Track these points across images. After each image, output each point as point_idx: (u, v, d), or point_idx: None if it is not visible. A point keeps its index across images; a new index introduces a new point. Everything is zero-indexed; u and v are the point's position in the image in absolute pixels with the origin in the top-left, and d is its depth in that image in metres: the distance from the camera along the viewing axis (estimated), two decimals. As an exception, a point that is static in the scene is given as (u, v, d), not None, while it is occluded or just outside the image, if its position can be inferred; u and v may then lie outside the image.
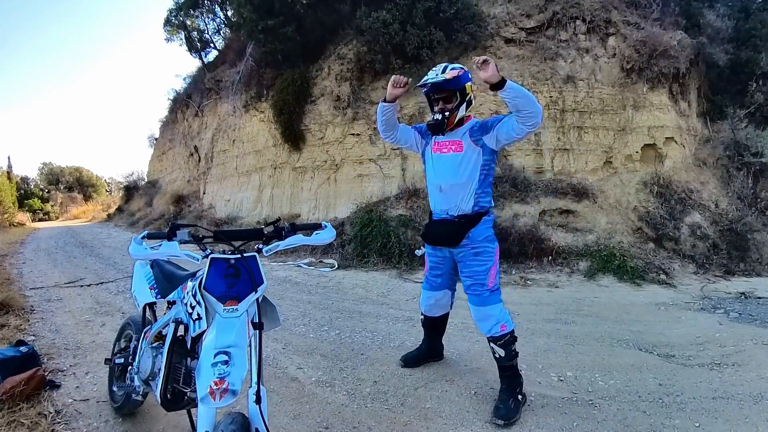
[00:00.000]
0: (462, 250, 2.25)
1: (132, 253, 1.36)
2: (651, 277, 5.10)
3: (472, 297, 2.23)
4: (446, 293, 2.51)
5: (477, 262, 2.21)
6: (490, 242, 2.24)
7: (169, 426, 2.00)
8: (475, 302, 2.21)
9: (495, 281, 2.22)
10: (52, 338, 3.21)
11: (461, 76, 2.19)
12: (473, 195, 2.23)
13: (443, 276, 2.46)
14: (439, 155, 2.32)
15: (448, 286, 2.49)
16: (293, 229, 1.65)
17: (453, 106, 2.23)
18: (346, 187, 7.94)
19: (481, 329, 2.24)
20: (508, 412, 2.05)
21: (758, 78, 7.57)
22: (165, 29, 13.25)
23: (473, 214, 2.22)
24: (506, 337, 2.17)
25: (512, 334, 2.20)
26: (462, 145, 2.23)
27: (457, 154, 2.23)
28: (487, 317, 2.19)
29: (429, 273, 2.51)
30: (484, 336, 2.26)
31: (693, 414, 2.12)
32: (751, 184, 6.94)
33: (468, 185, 2.23)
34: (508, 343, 2.18)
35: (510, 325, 2.20)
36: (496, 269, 2.24)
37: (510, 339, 2.19)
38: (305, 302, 4.35)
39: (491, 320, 2.18)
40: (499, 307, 2.20)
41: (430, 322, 2.65)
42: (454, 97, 2.23)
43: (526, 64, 7.01)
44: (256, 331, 1.40)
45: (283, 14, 8.04)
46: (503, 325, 2.17)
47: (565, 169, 6.63)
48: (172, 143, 15.85)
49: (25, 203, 27.01)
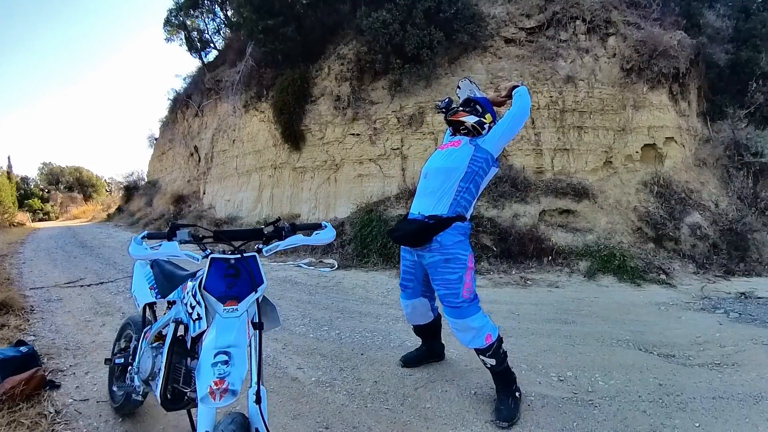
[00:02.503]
0: (432, 255, 2.14)
1: (132, 253, 1.36)
2: (651, 277, 5.10)
3: (448, 309, 2.12)
4: (422, 301, 2.42)
5: (448, 269, 2.10)
6: (461, 249, 2.13)
7: (169, 426, 2.00)
8: (452, 315, 2.11)
9: (471, 289, 2.10)
10: (52, 338, 3.21)
11: (490, 104, 2.43)
12: (453, 193, 2.16)
13: (415, 282, 2.37)
14: (439, 152, 2.41)
15: (422, 293, 2.40)
16: (293, 229, 1.64)
17: (469, 109, 2.38)
18: (346, 187, 7.94)
19: (461, 341, 2.15)
20: (509, 413, 2.05)
21: (758, 78, 7.57)
22: (165, 29, 13.27)
23: (445, 218, 2.12)
24: (493, 346, 2.09)
25: (498, 340, 2.12)
26: (461, 142, 2.32)
27: (452, 149, 2.31)
28: (466, 329, 2.09)
29: (402, 278, 2.44)
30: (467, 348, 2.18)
31: (693, 414, 2.12)
32: (751, 184, 6.94)
33: (451, 176, 2.18)
34: (497, 351, 2.11)
35: (495, 332, 2.12)
36: (471, 277, 2.13)
37: (497, 346, 2.11)
38: (305, 302, 4.35)
39: (471, 332, 2.09)
40: (479, 316, 2.10)
41: (419, 329, 2.62)
42: (475, 111, 2.37)
43: (526, 64, 7.01)
44: (256, 331, 1.40)
45: (283, 14, 8.04)
46: (488, 336, 2.08)
47: (565, 169, 6.63)
48: (172, 143, 15.85)
49: (25, 203, 26.99)
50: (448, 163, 2.24)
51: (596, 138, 6.69)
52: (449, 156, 2.28)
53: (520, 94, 2.34)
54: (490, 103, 2.42)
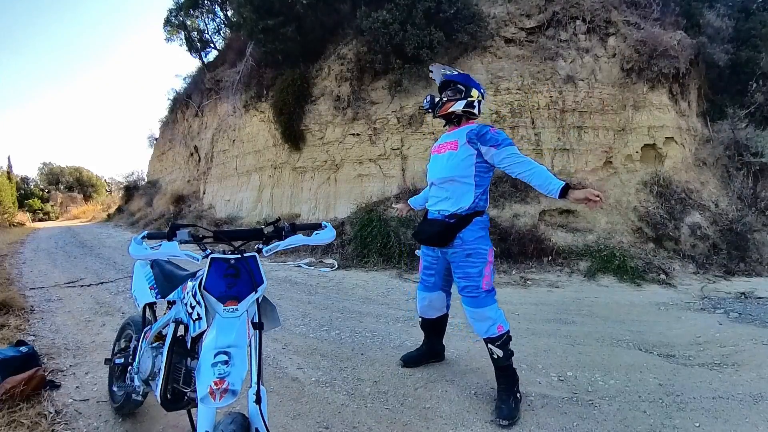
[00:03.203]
0: (454, 251, 2.23)
1: (132, 253, 1.36)
2: (651, 277, 5.10)
3: (467, 299, 2.22)
4: (440, 295, 2.50)
5: (469, 263, 2.20)
6: (482, 244, 2.23)
7: (169, 426, 2.00)
8: (470, 304, 2.21)
9: (489, 282, 2.21)
10: (52, 338, 3.21)
11: (472, 80, 2.35)
12: (467, 194, 2.22)
13: (436, 276, 2.45)
14: (436, 155, 2.39)
15: (441, 287, 2.48)
16: (293, 229, 1.64)
17: (451, 92, 2.33)
18: (346, 187, 7.94)
19: (476, 330, 2.24)
20: (510, 412, 2.06)
21: (758, 78, 7.57)
22: (165, 29, 13.27)
23: (465, 215, 2.21)
24: (503, 337, 2.18)
25: (508, 333, 2.21)
26: (457, 144, 2.26)
27: (452, 152, 2.27)
28: (483, 318, 2.18)
29: (422, 272, 2.51)
30: (480, 337, 2.26)
31: (693, 414, 2.12)
32: (751, 184, 6.94)
33: (461, 182, 2.23)
34: (505, 343, 2.19)
35: (506, 325, 2.21)
36: (491, 270, 2.23)
37: (507, 339, 2.20)
38: (305, 302, 4.35)
39: (488, 321, 2.18)
40: (495, 307, 2.20)
41: (428, 324, 2.64)
42: (458, 93, 2.32)
43: (526, 64, 7.01)
44: (256, 331, 1.40)
45: (283, 14, 8.04)
46: (500, 326, 2.18)
47: (565, 169, 6.63)
48: (172, 143, 15.86)
49: (25, 203, 26.99)
50: (454, 172, 2.24)
51: (596, 138, 6.69)
52: (450, 162, 2.25)
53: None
54: (470, 78, 2.37)
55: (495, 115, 6.87)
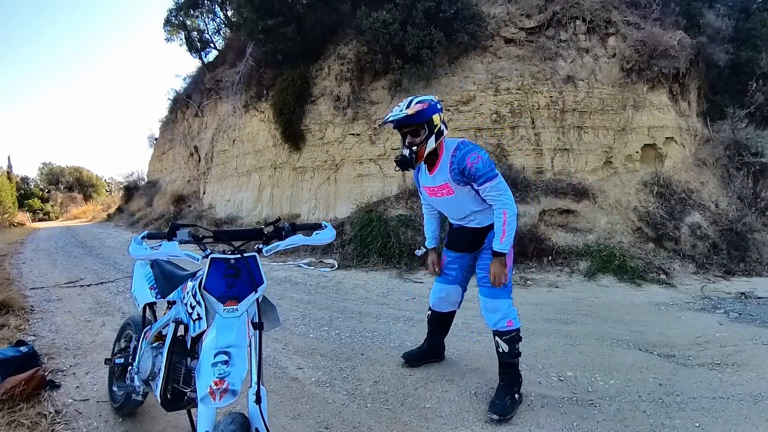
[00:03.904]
0: (483, 247, 2.33)
1: (132, 253, 1.36)
2: (651, 277, 5.10)
3: (484, 288, 2.25)
4: (457, 289, 2.52)
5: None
6: None
7: (169, 426, 2.00)
8: (486, 293, 2.24)
9: (508, 279, 2.25)
10: (52, 338, 3.21)
11: (425, 110, 2.10)
12: (488, 213, 2.28)
13: (458, 270, 2.49)
14: (436, 199, 2.40)
15: (460, 282, 2.51)
16: (293, 229, 1.64)
17: (421, 139, 2.13)
18: (346, 187, 7.94)
19: (487, 321, 2.26)
20: (503, 408, 2.06)
21: (758, 78, 7.57)
22: (165, 29, 13.25)
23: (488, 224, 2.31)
24: (512, 333, 2.20)
25: (518, 332, 2.22)
26: (450, 188, 2.23)
27: (450, 197, 2.27)
28: (495, 309, 2.21)
29: (446, 267, 2.53)
30: (489, 329, 2.27)
31: (693, 414, 2.12)
32: (751, 184, 6.94)
33: (478, 210, 2.29)
34: (513, 340, 2.20)
35: (517, 322, 2.22)
36: (510, 269, 2.26)
37: (515, 336, 2.21)
38: (305, 302, 4.35)
39: (499, 313, 2.20)
40: (509, 302, 2.23)
41: (436, 318, 2.65)
42: (422, 130, 2.13)
43: (526, 64, 7.01)
44: (256, 331, 1.40)
45: (283, 14, 8.04)
46: (510, 321, 2.20)
47: (565, 169, 6.63)
48: (172, 143, 15.85)
49: (25, 203, 26.99)
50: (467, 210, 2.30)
51: (596, 138, 6.69)
52: (456, 205, 2.30)
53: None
54: (421, 109, 2.08)
55: (495, 115, 6.87)
